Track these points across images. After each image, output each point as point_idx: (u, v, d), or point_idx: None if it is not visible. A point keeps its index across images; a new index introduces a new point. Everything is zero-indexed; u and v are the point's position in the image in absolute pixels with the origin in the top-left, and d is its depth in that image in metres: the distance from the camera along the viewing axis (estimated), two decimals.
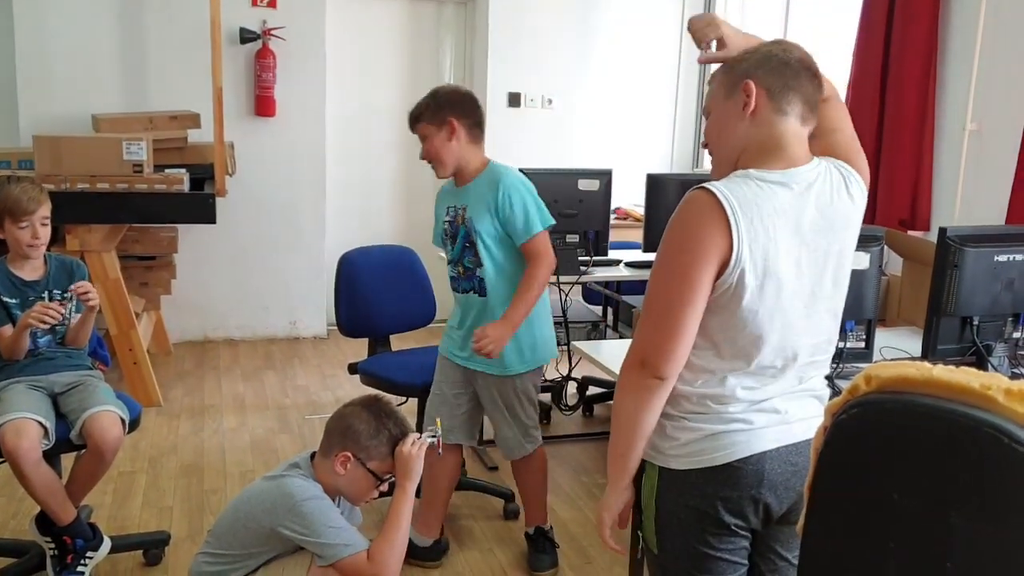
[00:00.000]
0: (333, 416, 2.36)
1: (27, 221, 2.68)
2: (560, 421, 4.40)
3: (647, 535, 1.68)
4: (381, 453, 2.28)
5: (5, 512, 3.27)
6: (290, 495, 2.22)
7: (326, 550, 2.19)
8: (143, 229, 4.77)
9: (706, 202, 1.52)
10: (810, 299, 1.61)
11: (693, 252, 1.51)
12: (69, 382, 2.73)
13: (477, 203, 2.88)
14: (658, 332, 1.54)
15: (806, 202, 1.58)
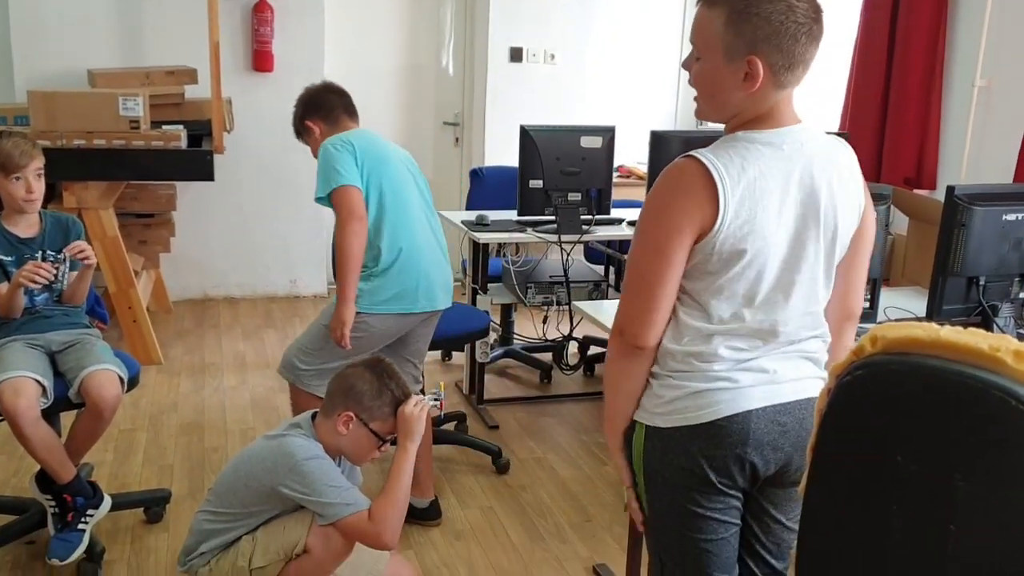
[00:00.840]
0: (336, 376, 2.35)
1: (20, 174, 2.64)
2: (561, 380, 4.40)
3: (640, 495, 1.67)
4: (383, 413, 2.29)
5: (6, 470, 3.28)
6: (291, 454, 2.22)
7: (327, 509, 2.19)
8: (141, 186, 4.72)
9: (692, 171, 1.50)
10: (804, 263, 1.58)
11: (670, 226, 1.51)
12: (67, 340, 2.72)
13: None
14: (634, 303, 1.57)
15: (796, 164, 1.55)
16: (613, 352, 1.63)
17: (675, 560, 1.66)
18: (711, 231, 1.50)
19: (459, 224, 3.93)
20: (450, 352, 4.64)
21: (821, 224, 1.57)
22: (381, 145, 2.98)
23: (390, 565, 2.58)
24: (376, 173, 2.86)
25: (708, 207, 1.49)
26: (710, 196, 1.48)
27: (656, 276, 1.53)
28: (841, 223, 1.60)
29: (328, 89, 3.10)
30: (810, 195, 1.55)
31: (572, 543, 2.95)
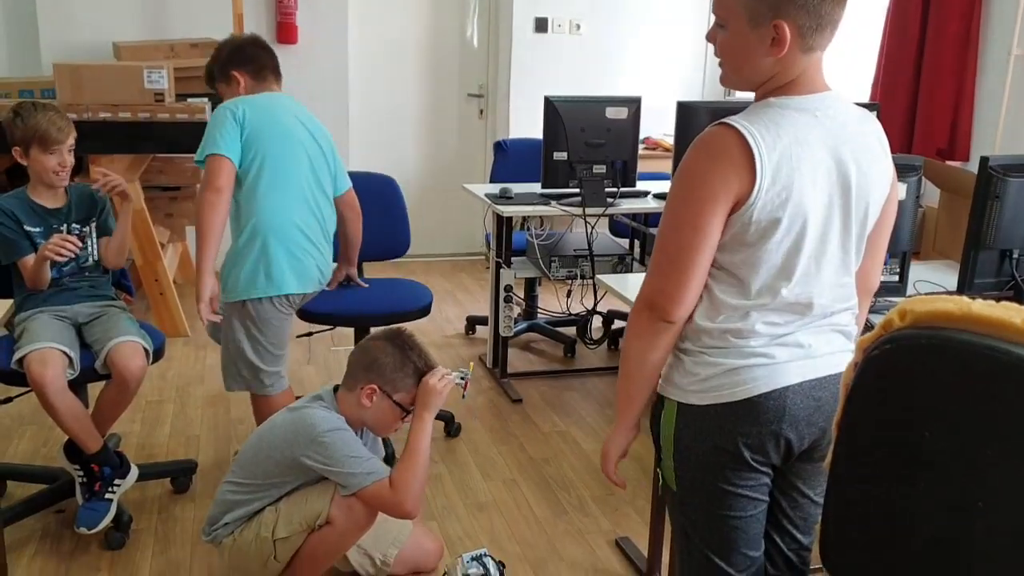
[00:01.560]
0: (356, 349, 2.35)
1: (56, 149, 2.66)
2: (585, 355, 4.38)
3: (666, 472, 1.65)
4: (406, 385, 2.29)
5: (36, 440, 3.33)
6: (312, 426, 2.23)
7: (348, 479, 2.20)
8: (167, 160, 4.74)
9: (727, 140, 1.46)
10: (835, 233, 1.54)
11: (704, 195, 1.46)
12: (92, 312, 2.74)
13: None
14: (667, 277, 1.52)
15: (829, 131, 1.51)
16: (639, 327, 1.57)
17: (702, 536, 1.64)
18: (748, 200, 1.45)
19: (482, 197, 3.90)
20: (474, 326, 4.64)
21: (853, 194, 1.54)
22: (282, 116, 2.86)
23: (413, 535, 2.60)
24: (261, 145, 2.76)
25: (745, 175, 1.44)
26: (747, 163, 1.44)
27: (690, 248, 1.48)
28: (873, 193, 1.57)
29: (260, 44, 2.99)
30: (842, 164, 1.52)
31: (595, 516, 2.95)
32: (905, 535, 1.30)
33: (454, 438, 3.44)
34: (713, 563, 1.64)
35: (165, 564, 2.60)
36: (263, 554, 2.28)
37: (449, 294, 5.35)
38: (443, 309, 5.06)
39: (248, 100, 2.83)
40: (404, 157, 5.91)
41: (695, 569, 1.67)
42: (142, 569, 2.58)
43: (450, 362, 4.24)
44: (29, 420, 3.43)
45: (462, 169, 6.01)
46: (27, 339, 2.53)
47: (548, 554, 2.73)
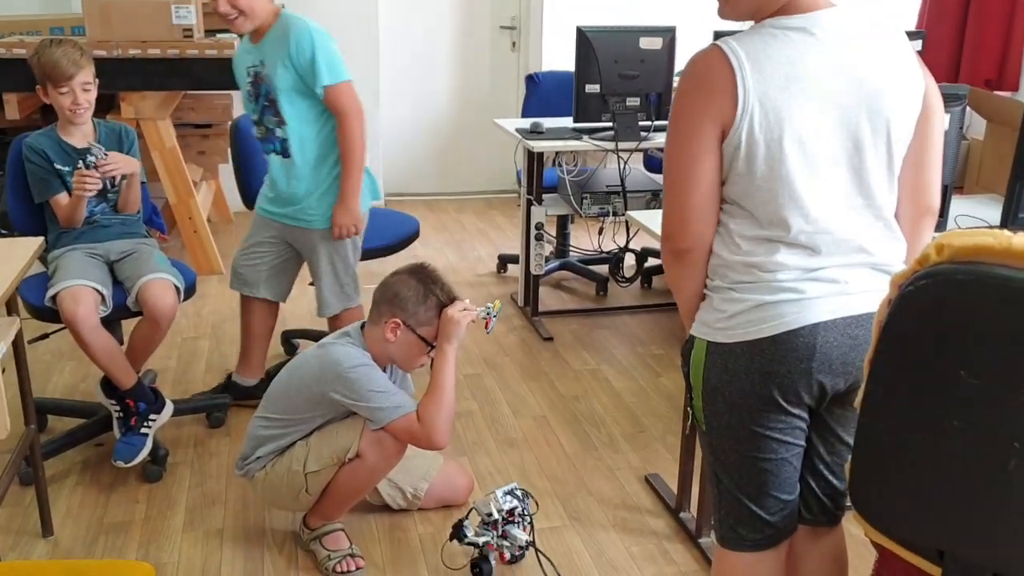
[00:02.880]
0: (380, 285, 2.35)
1: (67, 87, 2.62)
2: (617, 293, 4.35)
3: (697, 413, 1.63)
4: (430, 318, 2.29)
5: (75, 375, 3.39)
6: (337, 362, 2.24)
7: (376, 414, 2.22)
8: (198, 97, 4.72)
9: (710, 60, 1.42)
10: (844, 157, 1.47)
11: (691, 118, 1.44)
12: (124, 250, 2.76)
13: (272, 57, 2.72)
14: (671, 206, 1.52)
15: (834, 49, 1.43)
16: (664, 258, 1.61)
17: (733, 478, 1.61)
18: (733, 123, 1.41)
19: (513, 132, 3.84)
20: (506, 264, 4.61)
21: (872, 115, 1.45)
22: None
23: (443, 470, 2.63)
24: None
25: (728, 99, 1.40)
26: (729, 84, 1.39)
27: (685, 175, 1.47)
28: (895, 111, 1.47)
29: None
30: (854, 83, 1.44)
31: (625, 453, 2.95)
32: (938, 475, 1.27)
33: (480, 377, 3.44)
34: (744, 505, 1.62)
35: (201, 496, 2.66)
36: (295, 487, 2.32)
37: (481, 232, 5.32)
38: (475, 247, 5.04)
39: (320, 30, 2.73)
40: (435, 92, 5.84)
41: (726, 510, 1.65)
42: (179, 501, 2.63)
43: (481, 300, 4.20)
44: (68, 356, 3.49)
45: (494, 104, 5.92)
46: (60, 276, 2.56)
47: (577, 490, 2.74)
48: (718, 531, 1.69)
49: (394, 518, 2.57)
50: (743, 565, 1.67)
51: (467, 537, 2.31)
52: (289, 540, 2.47)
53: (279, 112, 2.77)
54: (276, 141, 2.84)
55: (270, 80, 2.74)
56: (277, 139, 2.83)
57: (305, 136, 2.80)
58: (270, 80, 2.74)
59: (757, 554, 1.65)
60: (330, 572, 2.32)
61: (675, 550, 2.46)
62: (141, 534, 2.48)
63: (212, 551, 2.42)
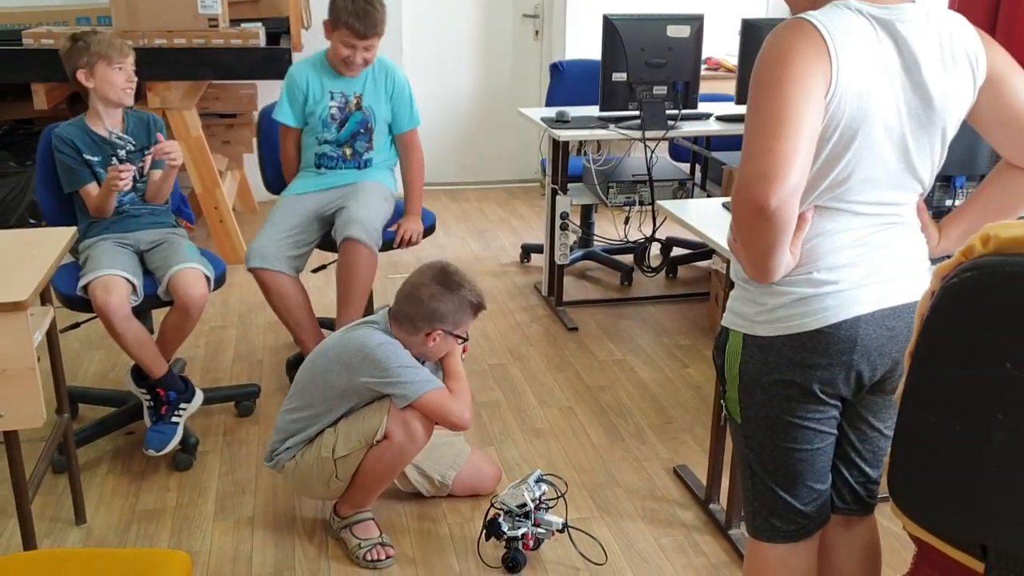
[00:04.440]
0: (409, 295, 2.35)
1: (122, 64, 2.69)
2: (642, 282, 4.33)
3: (730, 405, 1.61)
4: (465, 321, 2.39)
5: (104, 363, 3.42)
6: (362, 344, 2.29)
7: (404, 388, 2.25)
8: (223, 86, 4.74)
9: (805, 31, 1.37)
10: (912, 145, 1.46)
11: (796, 66, 1.34)
12: (154, 240, 2.77)
13: (374, 92, 3.18)
14: (761, 154, 1.32)
15: (908, 41, 1.41)
16: (741, 218, 1.39)
17: (767, 469, 1.61)
18: (826, 96, 1.36)
19: (538, 121, 3.82)
20: (529, 254, 4.60)
21: (928, 106, 1.44)
22: None
23: (471, 460, 2.63)
24: None
25: (825, 66, 1.36)
26: (824, 55, 1.36)
27: (785, 115, 1.31)
28: (954, 108, 1.47)
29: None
30: (921, 76, 1.43)
31: (652, 444, 2.94)
32: (981, 467, 1.26)
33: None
34: (778, 496, 1.61)
35: (231, 485, 2.68)
36: (325, 473, 2.33)
37: (504, 221, 5.31)
38: (498, 237, 5.03)
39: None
40: (457, 80, 5.83)
41: (760, 501, 1.64)
42: (209, 489, 2.65)
43: (505, 291, 4.23)
44: (97, 344, 3.52)
45: (516, 92, 5.90)
46: (91, 266, 2.57)
47: (605, 480, 2.73)
48: (751, 523, 1.68)
49: (423, 508, 2.58)
50: (777, 556, 1.66)
51: (505, 533, 2.31)
52: (319, 528, 2.48)
53: (372, 140, 3.22)
54: (361, 161, 3.25)
55: (372, 111, 3.19)
56: (363, 160, 3.25)
57: (382, 160, 3.29)
58: (372, 111, 3.19)
59: (791, 545, 1.65)
60: (360, 560, 2.33)
61: (704, 542, 2.46)
62: (173, 522, 2.50)
63: (243, 539, 2.44)
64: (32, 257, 2.11)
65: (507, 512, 2.32)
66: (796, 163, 1.32)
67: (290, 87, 3.20)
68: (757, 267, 1.44)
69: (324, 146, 3.21)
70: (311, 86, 3.17)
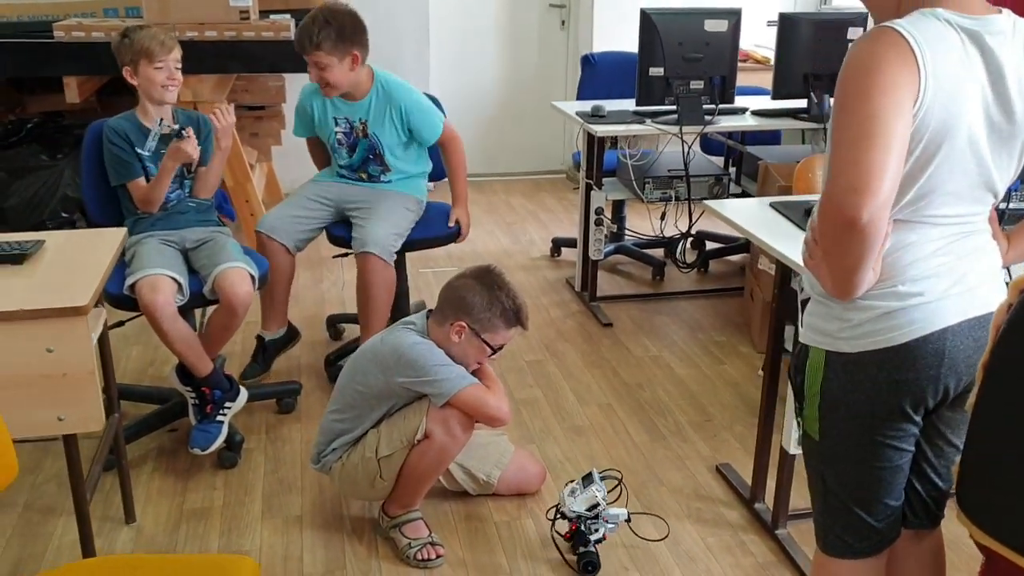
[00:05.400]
0: (447, 286, 2.37)
1: (162, 62, 2.68)
2: (674, 277, 4.32)
3: (808, 423, 1.60)
4: (494, 325, 2.34)
5: (142, 360, 3.43)
6: (397, 345, 2.31)
7: (442, 385, 2.26)
8: (251, 78, 4.72)
9: (893, 40, 1.35)
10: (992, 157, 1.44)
11: (886, 75, 1.32)
12: (199, 238, 2.77)
13: (378, 117, 3.13)
14: (851, 166, 1.30)
15: (997, 55, 1.39)
16: (827, 229, 1.37)
17: (844, 487, 1.59)
18: (914, 105, 1.35)
19: (573, 115, 3.80)
20: (560, 248, 4.59)
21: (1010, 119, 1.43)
22: None
23: (515, 459, 2.64)
24: None
25: (914, 74, 1.34)
26: (913, 64, 1.34)
27: (876, 128, 1.30)
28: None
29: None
30: (1006, 88, 1.41)
31: (693, 442, 2.93)
32: None
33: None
34: (854, 514, 1.60)
35: (277, 483, 2.68)
36: (370, 473, 2.34)
37: (532, 214, 5.30)
38: (527, 230, 5.02)
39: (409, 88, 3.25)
40: (483, 71, 5.80)
41: (833, 518, 1.63)
42: (256, 487, 2.66)
43: (537, 285, 4.22)
44: (134, 340, 3.53)
45: (543, 84, 5.88)
46: (137, 265, 2.57)
47: (648, 479, 2.73)
48: (822, 538, 1.68)
49: (469, 506, 2.58)
50: (849, 572, 1.65)
51: (591, 540, 2.32)
52: (368, 528, 2.49)
53: (384, 163, 3.20)
54: (380, 183, 3.24)
55: (377, 139, 3.15)
56: (381, 182, 3.24)
57: (404, 175, 3.24)
58: (377, 139, 3.15)
59: (862, 561, 1.64)
60: (411, 560, 2.34)
61: (751, 541, 2.46)
62: (221, 521, 2.51)
63: (292, 539, 2.44)
64: (86, 259, 2.12)
65: (579, 517, 2.32)
66: (887, 175, 1.30)
67: (299, 105, 3.25)
68: (841, 283, 1.42)
69: (342, 170, 3.26)
70: (316, 110, 3.18)
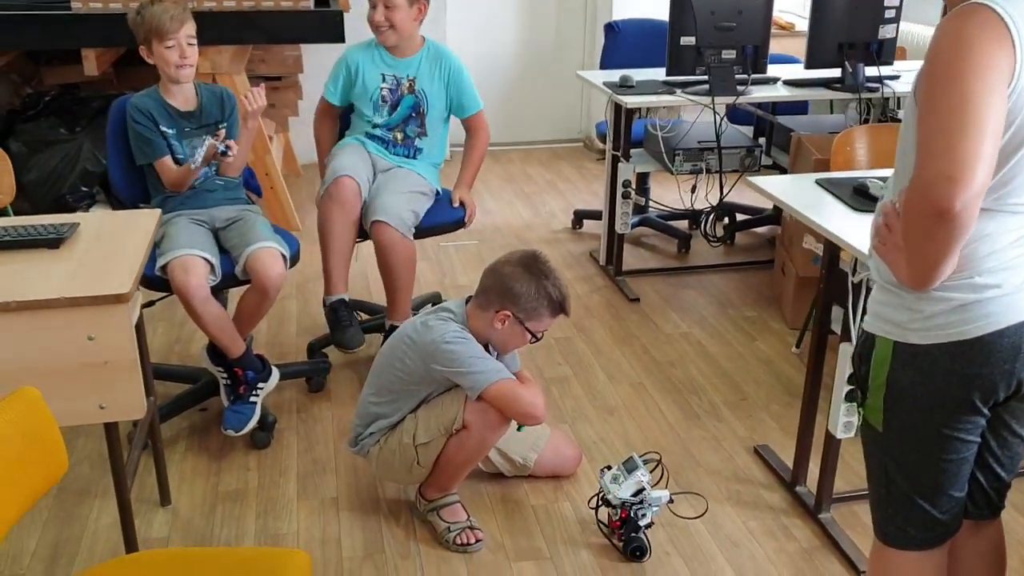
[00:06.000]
0: (490, 271, 2.32)
1: (172, 40, 2.60)
2: (700, 249, 4.26)
3: (871, 413, 1.56)
4: (539, 314, 2.30)
5: (168, 337, 3.40)
6: (434, 338, 2.26)
7: (476, 378, 2.22)
8: (267, 49, 4.64)
9: (985, 17, 1.28)
10: None
11: (982, 56, 1.27)
12: (229, 217, 2.72)
13: (429, 76, 3.09)
14: (946, 152, 1.26)
15: None
16: (914, 219, 1.33)
17: (909, 479, 1.56)
18: (1009, 85, 1.29)
19: (600, 86, 3.72)
20: (581, 220, 4.53)
21: None
22: None
23: (552, 442, 2.61)
24: None
25: (1008, 56, 1.28)
26: (1008, 42, 1.28)
27: (973, 112, 1.25)
28: None
29: None
30: None
31: (729, 422, 2.90)
32: None
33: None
34: (918, 506, 1.56)
35: (311, 464, 2.66)
36: (407, 460, 2.31)
37: (550, 185, 5.23)
38: (546, 201, 4.96)
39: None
40: (501, 37, 5.70)
41: (895, 509, 1.59)
42: (290, 468, 2.64)
43: (560, 259, 4.17)
44: (159, 317, 3.49)
45: (561, 52, 5.78)
46: (168, 245, 2.53)
47: (685, 460, 2.70)
48: (883, 529, 1.64)
49: (506, 489, 2.56)
50: (911, 564, 1.62)
51: (641, 527, 2.30)
52: (404, 510, 2.47)
53: (424, 124, 3.12)
54: (412, 148, 3.14)
55: (424, 95, 3.09)
56: (414, 147, 3.14)
57: (435, 146, 3.18)
58: (424, 95, 3.09)
59: (923, 552, 1.61)
60: (451, 544, 2.32)
61: (794, 525, 2.43)
62: (257, 503, 2.49)
63: (329, 521, 2.42)
64: (123, 243, 2.07)
65: (624, 504, 2.28)
66: (982, 163, 1.25)
67: (339, 66, 3.13)
68: (920, 274, 1.37)
69: (376, 130, 3.12)
70: (363, 69, 3.08)
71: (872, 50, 3.62)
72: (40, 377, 1.80)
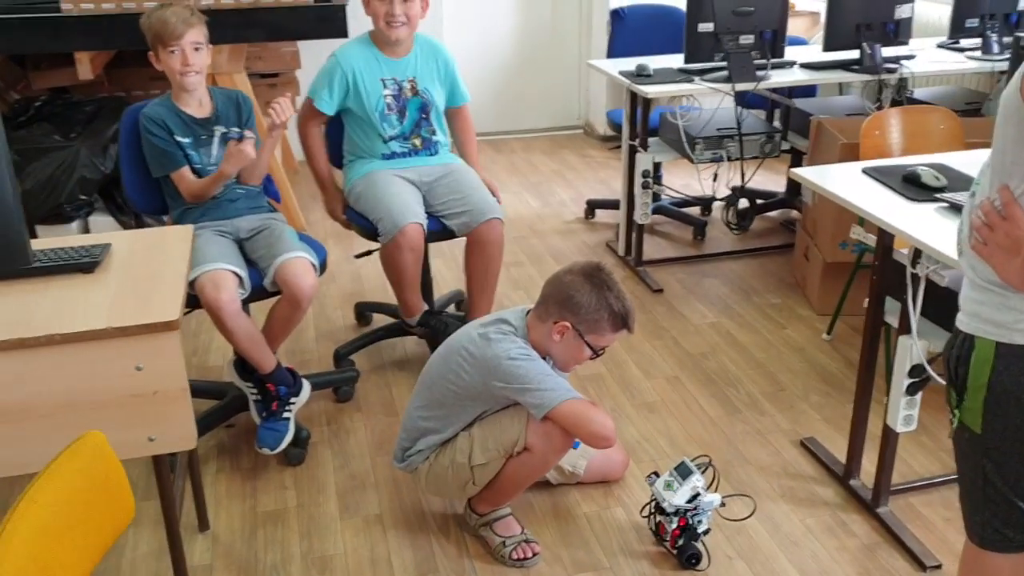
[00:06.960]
0: (551, 281, 2.23)
1: (176, 46, 2.49)
2: (715, 236, 4.20)
3: (968, 415, 1.50)
4: (600, 327, 2.19)
5: (184, 350, 3.24)
6: (497, 355, 2.15)
7: (544, 396, 2.11)
8: (264, 45, 4.51)
9: None
10: None
11: None
12: (253, 227, 2.62)
13: (428, 73, 2.99)
14: None
15: None
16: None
17: (1008, 481, 1.51)
18: None
19: (615, 75, 3.64)
20: (594, 210, 4.46)
21: None
22: None
23: None
24: None
25: None
26: None
27: None
28: None
29: None
30: None
31: (771, 415, 2.84)
32: None
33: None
34: (1016, 507, 1.52)
35: (349, 479, 2.57)
36: (461, 479, 2.24)
37: (557, 174, 5.15)
38: (555, 191, 4.88)
39: None
40: (496, 25, 5.59)
41: (992, 512, 1.54)
42: (328, 485, 2.55)
43: (576, 250, 4.09)
44: None
45: (556, 38, 5.68)
46: (195, 259, 2.41)
47: (732, 456, 2.65)
48: (978, 532, 1.60)
49: (555, 497, 2.49)
50: (1009, 566, 1.58)
51: (699, 535, 2.24)
52: (453, 525, 2.39)
53: (431, 122, 3.02)
54: (432, 147, 3.05)
55: (428, 95, 2.98)
56: (434, 145, 3.05)
57: (444, 133, 3.10)
58: (428, 95, 2.98)
59: (1021, 555, 1.57)
60: (507, 559, 2.24)
61: (852, 521, 2.38)
62: (298, 524, 2.40)
63: (376, 540, 2.34)
64: (160, 264, 1.97)
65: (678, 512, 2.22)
66: None
67: (333, 72, 2.90)
68: None
69: (391, 143, 2.96)
70: (360, 75, 2.89)
71: (889, 30, 3.56)
72: (87, 411, 1.70)
